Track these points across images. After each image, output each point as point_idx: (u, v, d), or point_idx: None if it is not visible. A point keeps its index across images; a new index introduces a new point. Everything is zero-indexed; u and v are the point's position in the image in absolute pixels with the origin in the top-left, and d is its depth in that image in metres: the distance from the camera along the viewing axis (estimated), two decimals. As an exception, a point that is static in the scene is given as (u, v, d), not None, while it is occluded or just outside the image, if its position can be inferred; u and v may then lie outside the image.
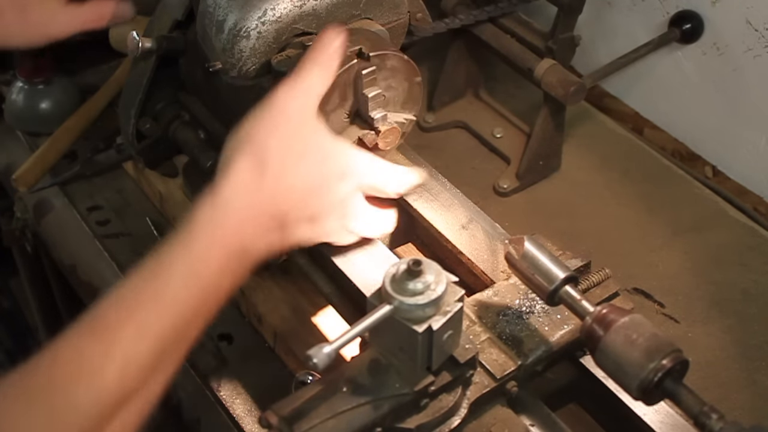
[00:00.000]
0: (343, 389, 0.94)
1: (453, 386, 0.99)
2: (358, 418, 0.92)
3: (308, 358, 0.87)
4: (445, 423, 0.98)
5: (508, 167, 1.65)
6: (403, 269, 0.91)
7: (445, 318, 0.92)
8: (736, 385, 1.32)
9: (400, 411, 0.95)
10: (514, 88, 1.78)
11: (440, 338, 0.93)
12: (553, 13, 1.55)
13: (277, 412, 0.92)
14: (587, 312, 1.00)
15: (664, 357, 0.94)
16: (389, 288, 0.91)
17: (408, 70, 1.19)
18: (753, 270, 1.49)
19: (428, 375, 0.96)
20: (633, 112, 1.81)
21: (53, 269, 1.83)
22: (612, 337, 0.96)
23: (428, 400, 0.97)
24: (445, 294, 0.92)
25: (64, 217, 1.63)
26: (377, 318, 0.91)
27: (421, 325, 0.91)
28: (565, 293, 1.02)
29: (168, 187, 1.55)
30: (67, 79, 1.77)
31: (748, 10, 1.53)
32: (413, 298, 0.90)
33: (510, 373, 1.05)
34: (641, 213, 1.59)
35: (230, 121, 1.35)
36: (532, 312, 1.11)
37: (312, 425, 0.91)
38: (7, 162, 1.75)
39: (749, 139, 1.62)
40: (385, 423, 0.94)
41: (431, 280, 0.91)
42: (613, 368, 0.97)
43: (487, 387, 1.03)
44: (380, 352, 0.97)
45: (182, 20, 1.31)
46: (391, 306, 0.91)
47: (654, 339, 0.95)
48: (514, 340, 1.08)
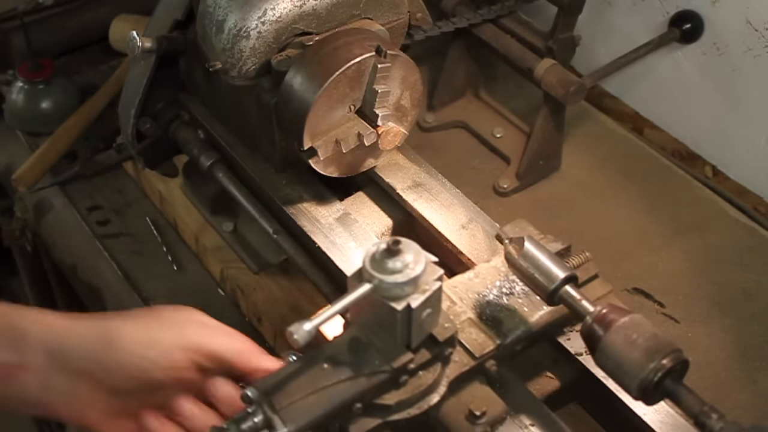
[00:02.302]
0: (324, 366, 0.95)
1: (432, 364, 1.00)
2: (338, 394, 0.94)
3: (289, 335, 0.89)
4: (424, 400, 0.99)
5: (508, 167, 1.65)
6: (383, 248, 0.92)
7: (423, 296, 0.93)
8: (736, 385, 1.32)
9: (379, 387, 0.96)
10: (514, 88, 1.78)
11: (419, 316, 0.94)
12: (553, 13, 1.55)
13: (259, 387, 0.93)
14: (587, 312, 0.99)
15: (664, 357, 0.94)
16: (369, 267, 0.92)
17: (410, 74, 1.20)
18: (753, 270, 1.49)
19: (407, 353, 0.97)
20: (633, 112, 1.81)
21: (53, 269, 1.83)
22: (612, 337, 0.96)
23: (407, 377, 0.98)
24: (424, 273, 0.93)
25: (64, 217, 1.63)
26: (357, 296, 0.92)
27: (400, 303, 0.92)
28: (566, 293, 1.02)
29: (168, 187, 1.55)
30: (67, 79, 1.77)
31: (748, 10, 1.53)
32: (392, 277, 0.91)
33: (489, 352, 1.05)
34: (641, 213, 1.59)
35: (230, 121, 1.36)
36: (511, 293, 1.12)
37: (293, 400, 0.92)
38: (7, 162, 1.75)
39: (749, 139, 1.62)
40: (364, 399, 0.96)
41: (410, 260, 0.92)
42: (613, 368, 0.97)
43: (466, 365, 1.04)
44: (361, 331, 0.99)
45: (182, 20, 1.31)
46: (370, 285, 0.92)
47: (654, 339, 0.95)
48: (493, 321, 1.09)
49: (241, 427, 0.90)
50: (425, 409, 0.99)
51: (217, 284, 1.47)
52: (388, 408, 0.97)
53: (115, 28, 1.86)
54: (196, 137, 1.40)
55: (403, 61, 1.18)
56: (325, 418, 0.93)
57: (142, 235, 1.56)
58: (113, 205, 1.62)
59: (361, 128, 1.18)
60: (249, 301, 1.39)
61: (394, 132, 1.20)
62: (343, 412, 0.94)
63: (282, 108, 1.19)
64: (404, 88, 1.21)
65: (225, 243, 1.46)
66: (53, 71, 1.73)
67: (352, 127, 1.18)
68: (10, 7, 1.85)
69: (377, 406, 0.97)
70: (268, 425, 0.91)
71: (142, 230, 1.57)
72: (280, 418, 0.91)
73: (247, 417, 0.91)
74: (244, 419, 0.91)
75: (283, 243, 1.29)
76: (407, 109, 1.23)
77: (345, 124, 1.19)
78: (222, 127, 1.37)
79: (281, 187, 1.30)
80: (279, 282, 1.40)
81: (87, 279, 1.56)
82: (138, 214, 1.60)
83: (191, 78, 1.38)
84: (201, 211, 1.50)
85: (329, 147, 1.18)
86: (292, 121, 1.17)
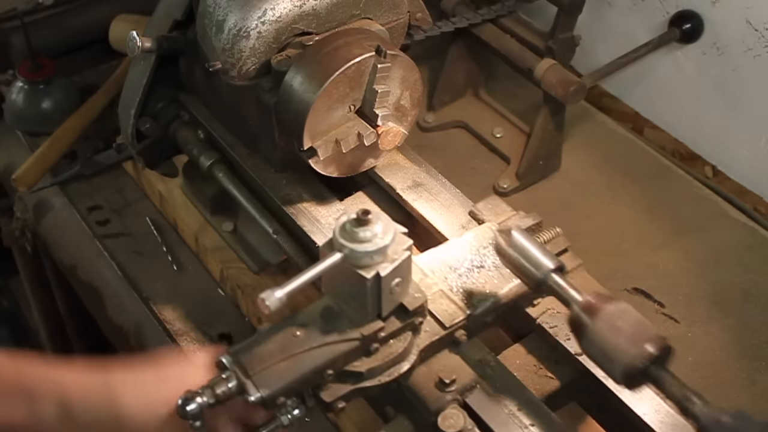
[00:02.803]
0: (296, 333, 0.98)
1: (403, 333, 1.03)
2: (309, 360, 0.96)
3: (261, 301, 0.91)
4: (394, 367, 1.02)
5: (508, 167, 1.65)
6: (353, 218, 0.95)
7: (392, 265, 0.96)
8: (736, 385, 1.32)
9: (350, 355, 0.99)
10: (514, 88, 1.78)
11: (388, 285, 0.96)
12: (553, 13, 1.55)
13: (233, 354, 0.96)
14: (574, 300, 1.01)
15: (649, 344, 0.96)
16: (339, 236, 0.95)
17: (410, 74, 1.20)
18: (753, 270, 1.49)
19: (378, 321, 0.99)
20: (633, 112, 1.81)
21: (53, 269, 1.83)
22: (598, 325, 0.98)
23: (378, 345, 1.01)
24: (393, 243, 0.96)
25: (64, 217, 1.63)
26: (327, 265, 0.94)
27: (369, 271, 0.94)
28: (553, 281, 1.04)
29: (168, 187, 1.55)
30: (67, 79, 1.77)
31: (748, 10, 1.53)
32: (361, 246, 0.94)
33: (459, 322, 1.08)
34: (641, 213, 1.59)
35: (230, 121, 1.36)
36: (482, 266, 1.15)
37: (265, 366, 0.95)
38: (7, 162, 1.75)
39: (749, 139, 1.62)
40: (336, 366, 0.98)
41: (379, 230, 0.95)
42: (599, 354, 0.99)
43: (436, 335, 1.07)
44: (333, 300, 1.01)
45: (182, 20, 1.31)
46: (341, 254, 0.94)
47: (639, 326, 0.97)
48: (464, 292, 1.12)
49: (215, 391, 0.93)
50: (396, 377, 1.02)
51: (217, 284, 1.47)
52: (360, 375, 1.00)
53: (115, 28, 1.86)
54: (196, 137, 1.40)
55: (403, 61, 1.18)
56: (297, 384, 0.96)
57: (142, 235, 1.56)
58: (113, 205, 1.62)
59: (361, 128, 1.18)
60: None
61: (394, 132, 1.20)
62: (314, 378, 0.98)
63: (282, 108, 1.19)
64: (404, 88, 1.21)
65: (225, 243, 1.46)
66: (53, 71, 1.73)
67: (352, 127, 1.18)
68: (10, 7, 1.85)
69: (349, 373, 1.00)
70: (242, 390, 0.94)
71: (142, 230, 1.57)
72: (253, 383, 0.94)
73: (221, 382, 0.94)
74: (218, 384, 0.94)
75: (283, 243, 1.29)
76: (407, 109, 1.23)
77: (345, 124, 1.19)
78: (222, 127, 1.37)
79: (281, 187, 1.30)
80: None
81: (87, 279, 1.56)
82: (138, 214, 1.60)
83: (191, 78, 1.38)
84: (201, 211, 1.50)
85: (329, 147, 1.18)
86: (292, 121, 1.17)
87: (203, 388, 0.93)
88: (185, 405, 0.91)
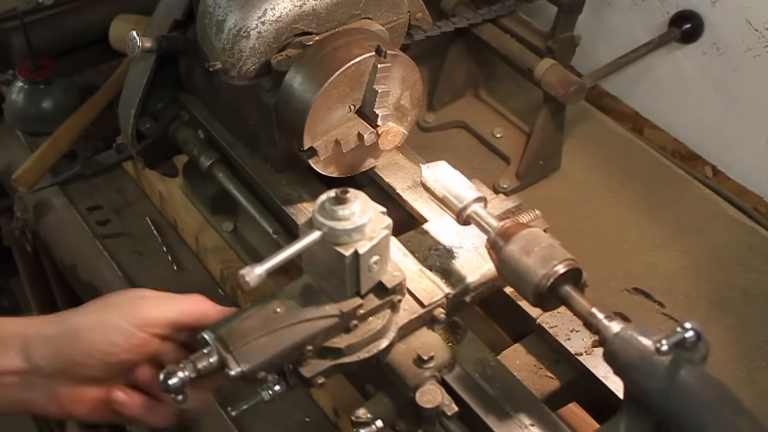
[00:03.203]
0: (276, 310, 1.00)
1: (381, 311, 1.05)
2: (289, 336, 0.98)
3: (241, 277, 0.93)
4: (373, 344, 1.04)
5: (508, 167, 1.65)
6: (331, 197, 0.96)
7: (371, 243, 0.97)
8: (736, 385, 1.32)
9: (330, 331, 1.01)
10: (514, 88, 1.78)
11: (366, 262, 0.98)
12: (553, 13, 1.55)
13: (214, 330, 0.97)
14: (492, 227, 1.07)
15: (558, 264, 1.00)
16: (318, 215, 0.96)
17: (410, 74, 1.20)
18: (753, 270, 1.49)
19: (356, 298, 1.01)
20: (633, 112, 1.81)
21: (53, 269, 1.83)
22: (511, 248, 1.03)
23: (357, 322, 1.03)
24: (371, 221, 0.97)
25: (64, 217, 1.63)
26: (307, 243, 0.96)
27: (347, 248, 0.96)
28: (473, 212, 1.10)
29: (168, 187, 1.55)
30: (67, 79, 1.77)
31: (748, 10, 1.53)
32: (340, 224, 0.96)
33: (437, 301, 1.11)
34: (641, 213, 1.59)
35: (230, 121, 1.36)
36: (461, 247, 1.18)
37: (246, 342, 0.96)
38: (7, 162, 1.75)
39: (749, 139, 1.62)
40: (315, 342, 1.00)
41: (358, 208, 0.97)
42: (513, 276, 1.04)
43: (414, 313, 1.10)
44: (313, 278, 1.03)
45: (182, 20, 1.31)
46: (320, 232, 0.96)
47: (549, 249, 1.02)
48: (443, 272, 1.15)
49: (197, 366, 0.94)
50: (374, 354, 1.04)
51: (217, 284, 1.47)
52: (339, 351, 1.02)
53: (115, 28, 1.86)
54: (196, 137, 1.40)
55: (403, 61, 1.18)
56: (278, 359, 0.98)
57: (142, 235, 1.56)
58: (113, 205, 1.62)
59: (361, 128, 1.18)
60: (249, 301, 1.39)
61: (394, 132, 1.20)
62: (294, 354, 0.99)
63: (282, 108, 1.19)
64: (404, 88, 1.21)
65: (225, 243, 1.46)
66: (53, 71, 1.73)
67: (352, 127, 1.18)
68: (10, 7, 1.85)
69: (328, 349, 1.02)
70: (223, 365, 0.95)
71: (142, 230, 1.57)
72: (234, 358, 0.95)
73: (202, 357, 0.95)
74: (200, 359, 0.95)
75: (283, 243, 1.29)
76: (407, 109, 1.23)
77: (345, 124, 1.19)
78: (222, 127, 1.37)
79: (281, 187, 1.30)
80: (279, 282, 1.40)
81: (87, 279, 1.57)
82: (138, 214, 1.60)
83: (191, 78, 1.38)
84: (201, 211, 1.50)
85: (329, 147, 1.18)
86: (292, 121, 1.17)
87: (185, 362, 0.95)
88: (167, 379, 0.93)
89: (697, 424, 0.90)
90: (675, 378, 0.91)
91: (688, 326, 0.89)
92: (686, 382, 0.90)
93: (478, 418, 1.09)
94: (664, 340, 0.88)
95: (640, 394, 0.94)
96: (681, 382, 0.90)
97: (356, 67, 1.14)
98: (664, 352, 0.88)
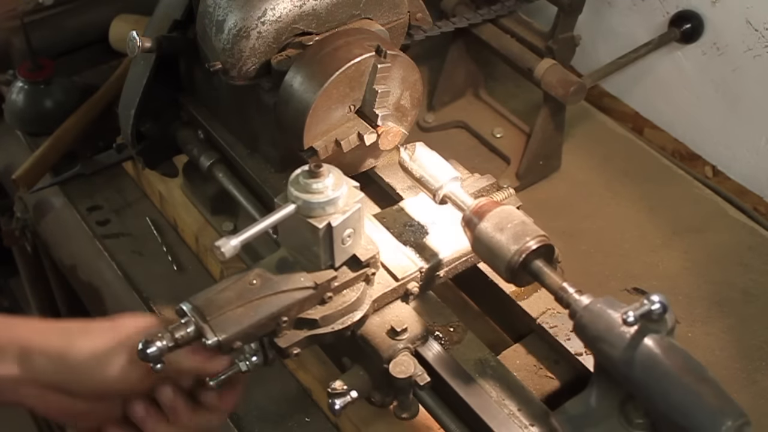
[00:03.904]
0: (252, 282, 1.02)
1: (356, 283, 1.07)
2: (264, 307, 1.00)
3: (216, 248, 0.95)
4: (347, 316, 1.07)
5: (508, 167, 1.65)
6: (305, 170, 0.99)
7: (344, 216, 0.99)
8: (736, 385, 1.32)
9: (304, 303, 1.03)
10: (514, 88, 1.78)
11: (340, 235, 1.01)
12: (553, 13, 1.55)
13: (192, 302, 0.99)
14: (467, 205, 1.10)
15: (530, 240, 1.03)
16: (292, 188, 0.99)
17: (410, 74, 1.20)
18: (753, 270, 1.49)
19: (330, 271, 1.04)
20: (633, 112, 1.81)
21: (53, 269, 1.83)
22: (485, 225, 1.06)
23: (332, 294, 1.05)
24: (344, 195, 1.00)
25: (64, 217, 1.63)
26: (281, 215, 0.99)
27: (321, 221, 0.99)
28: (449, 191, 1.12)
29: (168, 187, 1.55)
30: (67, 79, 1.77)
31: (748, 10, 1.53)
32: (314, 197, 0.98)
33: (411, 274, 1.14)
34: (641, 213, 1.59)
35: (230, 121, 1.36)
36: (435, 224, 1.21)
37: (222, 312, 0.98)
38: (7, 162, 1.75)
39: (749, 139, 1.62)
40: (290, 313, 1.02)
41: (331, 182, 0.99)
42: (486, 253, 1.07)
43: (388, 286, 1.12)
44: (289, 252, 1.05)
45: (182, 20, 1.31)
46: (294, 205, 0.99)
47: (522, 226, 1.05)
48: (417, 247, 1.18)
49: (175, 335, 0.96)
50: (348, 325, 1.07)
51: (217, 284, 1.47)
52: (314, 322, 1.04)
53: (115, 28, 1.86)
54: (196, 137, 1.40)
55: (403, 61, 1.18)
56: (253, 329, 1.00)
57: (142, 235, 1.56)
58: (113, 205, 1.62)
59: (361, 128, 1.18)
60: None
61: (394, 132, 1.20)
62: (270, 324, 1.01)
63: (282, 108, 1.19)
64: (404, 88, 1.21)
65: (225, 243, 1.46)
66: (53, 71, 1.73)
67: (352, 127, 1.18)
68: (10, 7, 1.85)
69: (303, 320, 1.04)
70: (200, 334, 0.97)
71: (142, 230, 1.57)
72: (211, 327, 0.97)
73: (180, 327, 0.97)
74: (177, 329, 0.97)
75: (283, 243, 1.29)
76: (407, 109, 1.23)
77: (345, 124, 1.19)
78: (222, 127, 1.37)
79: (281, 187, 1.29)
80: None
81: (87, 279, 1.56)
82: (138, 214, 1.60)
83: (191, 78, 1.38)
84: (201, 211, 1.50)
85: (329, 147, 1.18)
86: (292, 121, 1.17)
87: (163, 331, 0.96)
88: (146, 348, 0.94)
89: (660, 393, 0.92)
90: (639, 347, 0.93)
91: (655, 298, 0.91)
92: (650, 351, 0.93)
93: (478, 418, 1.09)
94: (630, 312, 0.90)
95: (608, 366, 0.97)
96: (644, 351, 0.93)
97: (356, 67, 1.14)
98: (630, 323, 0.91)
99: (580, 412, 1.02)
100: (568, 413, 1.03)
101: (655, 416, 0.96)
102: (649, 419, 0.98)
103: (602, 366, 0.99)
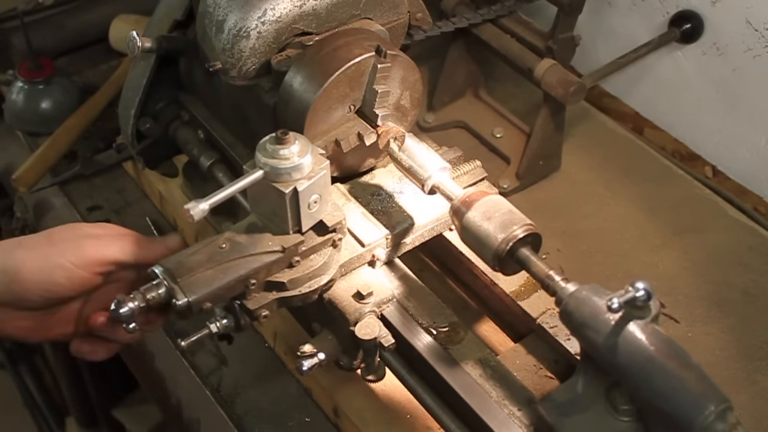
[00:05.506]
0: (222, 246, 1.05)
1: (323, 248, 1.10)
2: (233, 270, 1.03)
3: (185, 211, 0.98)
4: (314, 280, 1.10)
5: (508, 167, 1.65)
6: (272, 137, 1.02)
7: (309, 182, 1.02)
8: (736, 385, 1.32)
9: (272, 266, 1.06)
10: (514, 88, 1.78)
11: (306, 200, 1.03)
12: (553, 13, 1.55)
13: (163, 264, 1.02)
14: (455, 195, 1.12)
15: (517, 229, 1.05)
16: (260, 154, 1.02)
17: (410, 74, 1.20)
18: (753, 270, 1.49)
19: (298, 235, 1.06)
20: (633, 112, 1.81)
21: (53, 269, 1.82)
22: (472, 214, 1.08)
23: (300, 258, 1.08)
24: (311, 162, 1.03)
25: (64, 217, 1.63)
26: (249, 181, 1.01)
27: (287, 186, 1.01)
28: (438, 181, 1.15)
29: (168, 187, 1.55)
30: (67, 79, 1.77)
31: (748, 10, 1.53)
32: (280, 162, 1.01)
33: (377, 240, 1.18)
34: (641, 213, 1.59)
35: (230, 121, 1.36)
36: (402, 193, 1.25)
37: (192, 274, 1.01)
38: (7, 162, 1.75)
39: (749, 139, 1.62)
40: (259, 276, 1.05)
41: (297, 149, 1.02)
42: (474, 241, 1.09)
43: (355, 252, 1.16)
44: (258, 217, 1.08)
45: (182, 20, 1.31)
46: (261, 170, 1.02)
47: (509, 214, 1.07)
48: (384, 215, 1.22)
49: (146, 296, 0.99)
50: (315, 288, 1.10)
51: (217, 284, 1.47)
52: (282, 285, 1.07)
53: (115, 28, 1.86)
54: (196, 137, 1.40)
55: (403, 61, 1.18)
56: (222, 291, 1.03)
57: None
58: (113, 205, 1.62)
59: (361, 128, 1.18)
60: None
61: (394, 132, 1.20)
62: (239, 287, 1.04)
63: (282, 108, 1.19)
64: (404, 88, 1.21)
65: (225, 243, 1.46)
66: (53, 71, 1.73)
67: (352, 127, 1.18)
68: (10, 7, 1.85)
69: (272, 283, 1.07)
70: (171, 295, 1.00)
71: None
72: (181, 288, 1.00)
73: (152, 288, 1.00)
74: (149, 290, 1.00)
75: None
76: (407, 109, 1.23)
77: (345, 124, 1.19)
78: (222, 127, 1.37)
79: (281, 187, 1.29)
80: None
81: (87, 279, 1.56)
82: (138, 214, 1.60)
83: (191, 78, 1.38)
84: (201, 211, 1.50)
85: (329, 147, 1.18)
86: (292, 121, 1.17)
87: (135, 293, 0.99)
88: (118, 308, 0.97)
89: (644, 378, 0.93)
90: (622, 333, 0.94)
91: (639, 285, 0.92)
92: (633, 336, 0.94)
93: (478, 418, 1.09)
94: (615, 298, 0.91)
95: (593, 352, 0.98)
96: (628, 337, 0.94)
97: (356, 67, 1.14)
98: (614, 309, 0.92)
99: (567, 399, 1.04)
100: (555, 400, 1.05)
101: (640, 402, 0.98)
102: (634, 405, 1.00)
103: (588, 353, 1.00)
